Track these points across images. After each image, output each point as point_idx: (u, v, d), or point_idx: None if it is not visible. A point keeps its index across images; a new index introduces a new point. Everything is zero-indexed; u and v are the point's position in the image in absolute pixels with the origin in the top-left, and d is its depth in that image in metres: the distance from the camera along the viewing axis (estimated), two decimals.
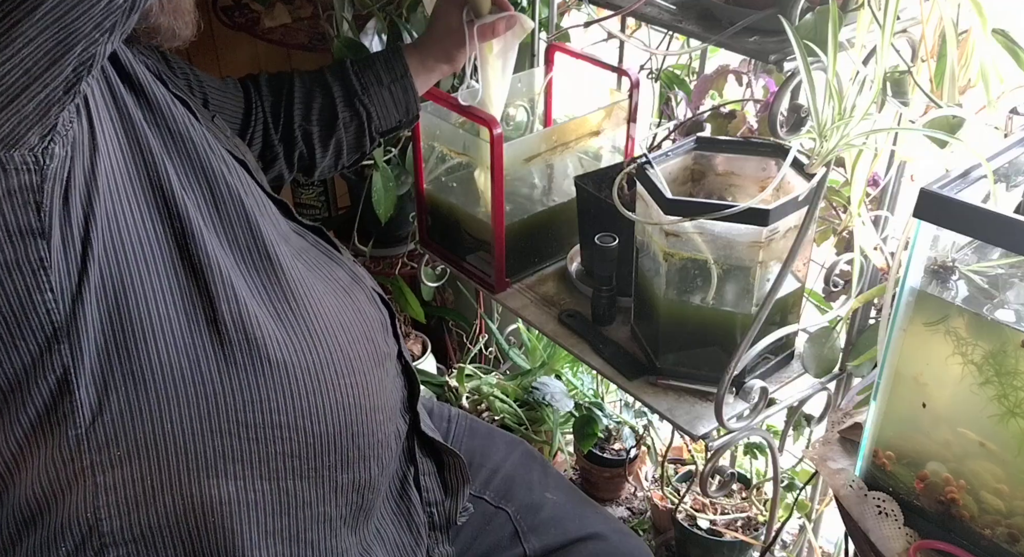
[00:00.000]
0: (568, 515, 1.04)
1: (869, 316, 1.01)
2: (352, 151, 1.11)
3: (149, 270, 0.71)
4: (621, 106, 1.20)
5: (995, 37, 0.77)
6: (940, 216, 0.69)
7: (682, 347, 1.00)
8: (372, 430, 0.85)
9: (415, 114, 1.12)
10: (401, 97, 1.09)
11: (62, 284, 0.67)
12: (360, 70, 1.07)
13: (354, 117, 1.07)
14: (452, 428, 1.11)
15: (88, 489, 0.72)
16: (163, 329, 0.71)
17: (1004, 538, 0.75)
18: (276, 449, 0.77)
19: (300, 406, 0.77)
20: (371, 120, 1.08)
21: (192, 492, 0.74)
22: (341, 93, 1.06)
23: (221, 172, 0.78)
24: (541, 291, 1.20)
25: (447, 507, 0.98)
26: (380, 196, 1.45)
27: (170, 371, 0.71)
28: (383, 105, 1.08)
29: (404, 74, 1.08)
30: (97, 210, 0.68)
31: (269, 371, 0.75)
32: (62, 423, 0.69)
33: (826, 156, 0.83)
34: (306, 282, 0.81)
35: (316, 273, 0.84)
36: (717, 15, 0.85)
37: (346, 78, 1.07)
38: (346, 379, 0.81)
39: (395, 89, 1.08)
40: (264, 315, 0.76)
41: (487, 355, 1.83)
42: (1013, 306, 0.71)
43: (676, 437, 1.47)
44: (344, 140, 1.09)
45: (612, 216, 0.96)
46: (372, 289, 0.91)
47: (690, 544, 1.40)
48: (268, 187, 0.90)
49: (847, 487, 0.84)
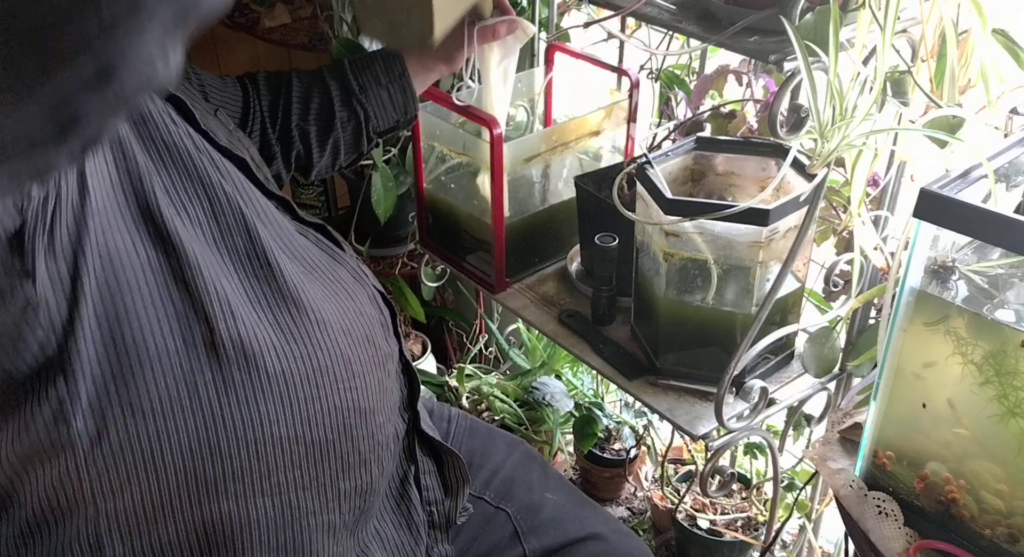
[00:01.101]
0: (568, 516, 1.04)
1: (869, 316, 1.01)
2: (350, 151, 1.11)
3: (144, 299, 0.69)
4: (621, 106, 1.20)
5: (995, 37, 0.77)
6: (940, 216, 0.69)
7: (682, 347, 1.00)
8: (372, 433, 0.84)
9: (413, 115, 1.12)
10: (399, 97, 1.09)
11: (52, 320, 0.65)
12: (358, 70, 1.07)
13: (351, 116, 1.07)
14: (452, 428, 1.11)
15: (89, 514, 0.71)
16: (161, 358, 0.70)
17: (1004, 538, 0.75)
18: (276, 463, 0.76)
19: (299, 415, 0.77)
20: (368, 120, 1.08)
21: (194, 514, 0.74)
22: (339, 92, 1.06)
23: (218, 181, 0.76)
24: (541, 291, 1.20)
25: (447, 506, 0.98)
26: (380, 196, 1.45)
27: (168, 400, 0.70)
28: (381, 105, 1.08)
29: (402, 74, 1.08)
30: (87, 244, 0.66)
31: (268, 384, 0.75)
32: (60, 452, 0.68)
33: (827, 157, 0.83)
34: (307, 288, 0.80)
35: (317, 276, 0.84)
36: (717, 15, 0.85)
37: (344, 77, 1.07)
38: (346, 383, 0.80)
39: (393, 89, 1.08)
40: (263, 326, 0.75)
41: (487, 355, 1.83)
42: (1013, 306, 0.71)
43: (676, 437, 1.47)
44: (342, 139, 1.09)
45: (612, 216, 0.96)
46: (374, 287, 0.91)
47: (690, 544, 1.40)
48: (272, 184, 0.89)
49: (847, 487, 0.84)
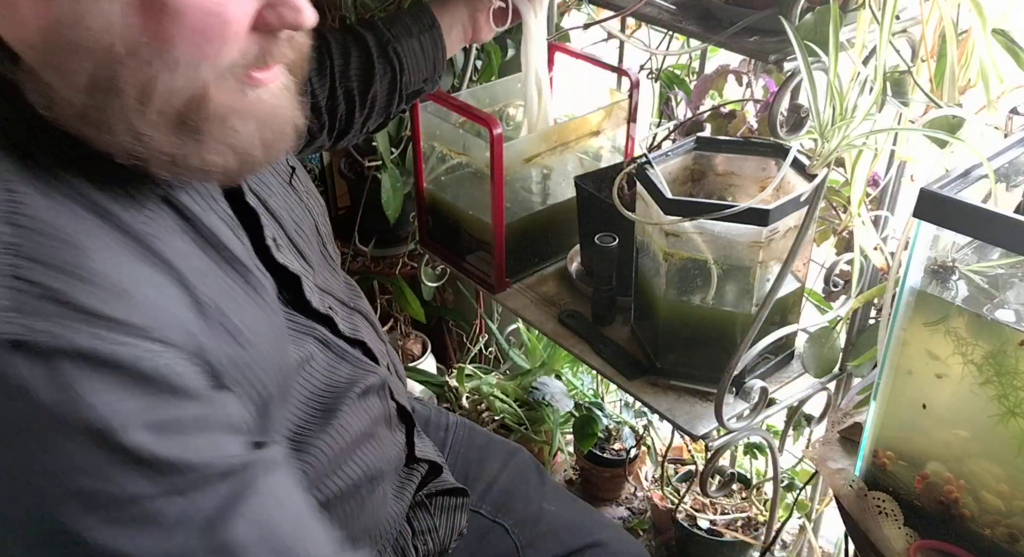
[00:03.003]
0: (566, 526, 1.03)
1: (869, 316, 1.01)
2: (381, 111, 1.07)
3: None
4: (621, 106, 1.20)
5: (995, 37, 0.77)
6: (940, 216, 0.69)
7: (682, 347, 1.00)
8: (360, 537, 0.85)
9: (440, 73, 1.09)
10: (430, 49, 1.06)
11: None
12: (388, 22, 1.05)
13: (388, 68, 1.04)
14: (449, 438, 1.10)
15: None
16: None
17: (1004, 538, 0.75)
18: None
19: None
20: (404, 71, 1.05)
21: None
22: (375, 42, 1.03)
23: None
24: (541, 291, 1.20)
25: (441, 536, 0.97)
26: (389, 197, 1.44)
27: None
28: (414, 56, 1.05)
29: (432, 25, 1.05)
30: None
31: None
32: None
33: (827, 157, 0.83)
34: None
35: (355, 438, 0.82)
36: (717, 15, 0.85)
37: (377, 28, 1.04)
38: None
39: (424, 40, 1.05)
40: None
41: (487, 355, 1.83)
42: (1013, 306, 0.71)
43: (676, 437, 1.47)
44: (378, 95, 1.05)
45: (612, 216, 0.96)
46: (394, 402, 0.89)
47: (690, 544, 1.40)
48: (330, 245, 0.88)
49: (847, 487, 0.84)
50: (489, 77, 1.43)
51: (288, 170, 0.84)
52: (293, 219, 0.80)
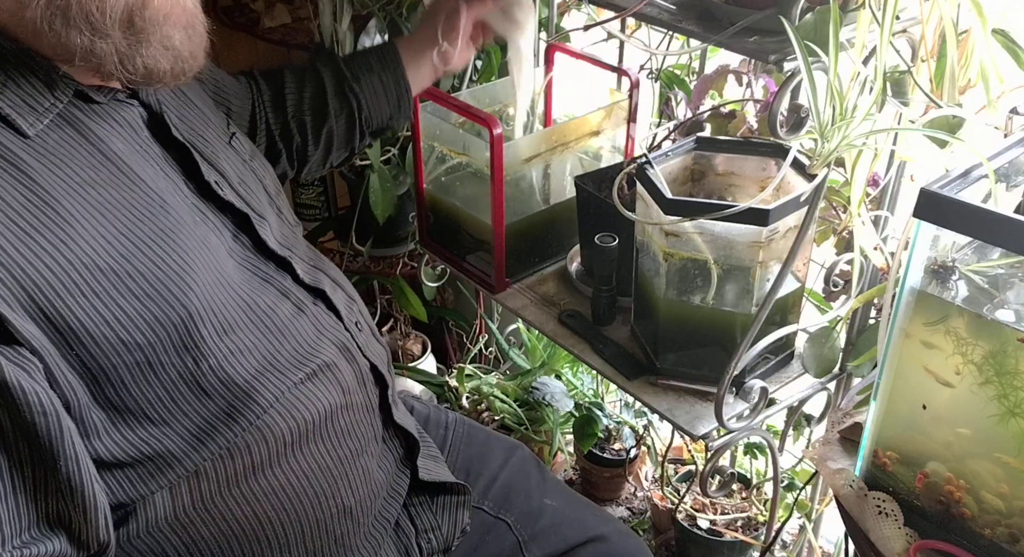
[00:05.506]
0: (567, 520, 1.04)
1: (869, 316, 1.01)
2: (341, 146, 1.09)
3: None
4: (621, 106, 1.20)
5: (995, 37, 0.77)
6: (940, 216, 0.69)
7: (682, 347, 1.00)
8: (354, 530, 0.86)
9: (407, 111, 1.10)
10: (392, 87, 1.07)
11: None
12: (350, 59, 1.06)
13: (344, 105, 1.05)
14: (449, 436, 1.10)
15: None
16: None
17: (1004, 538, 0.75)
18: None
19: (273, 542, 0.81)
20: (361, 110, 1.06)
21: None
22: (332, 80, 1.04)
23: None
24: (541, 291, 1.20)
25: (444, 533, 0.97)
26: (377, 196, 1.45)
27: None
28: (373, 94, 1.06)
29: (396, 64, 1.06)
30: None
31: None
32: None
33: (827, 157, 0.83)
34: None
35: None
36: (717, 15, 0.85)
37: (336, 66, 1.05)
38: (328, 514, 0.84)
39: (386, 77, 1.06)
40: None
41: (487, 355, 1.83)
42: (1013, 306, 0.71)
43: (676, 437, 1.47)
44: (335, 131, 1.07)
45: (612, 216, 0.96)
46: (366, 360, 0.90)
47: (690, 544, 1.40)
48: (285, 223, 0.90)
49: (847, 487, 0.84)
50: (489, 77, 1.43)
51: (228, 133, 0.91)
52: (236, 173, 0.86)
